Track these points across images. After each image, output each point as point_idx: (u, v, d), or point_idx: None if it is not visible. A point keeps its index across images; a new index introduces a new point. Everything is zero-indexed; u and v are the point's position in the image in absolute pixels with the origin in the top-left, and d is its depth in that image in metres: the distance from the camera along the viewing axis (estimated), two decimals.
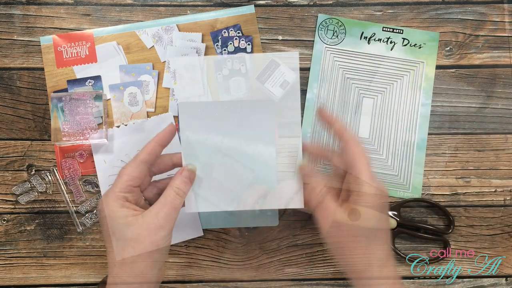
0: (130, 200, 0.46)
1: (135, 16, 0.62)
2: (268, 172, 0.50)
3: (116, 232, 0.45)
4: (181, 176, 0.47)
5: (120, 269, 0.44)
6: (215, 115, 0.50)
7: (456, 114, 0.62)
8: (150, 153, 0.48)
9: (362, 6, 0.63)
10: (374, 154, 0.61)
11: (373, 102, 0.62)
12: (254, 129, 0.51)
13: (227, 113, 0.51)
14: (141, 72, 0.61)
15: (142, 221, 0.44)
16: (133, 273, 0.44)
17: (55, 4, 0.62)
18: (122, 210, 0.45)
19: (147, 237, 0.44)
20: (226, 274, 0.60)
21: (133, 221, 0.44)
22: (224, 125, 0.50)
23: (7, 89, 0.61)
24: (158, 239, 0.44)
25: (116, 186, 0.46)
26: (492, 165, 0.61)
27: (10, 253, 0.60)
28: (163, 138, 0.49)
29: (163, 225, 0.45)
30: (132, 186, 0.46)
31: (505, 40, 0.63)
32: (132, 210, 0.45)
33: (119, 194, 0.46)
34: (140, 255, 0.44)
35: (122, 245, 0.44)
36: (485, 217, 0.61)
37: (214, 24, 0.62)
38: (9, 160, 0.61)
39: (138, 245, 0.44)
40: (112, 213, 0.45)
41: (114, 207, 0.45)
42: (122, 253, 0.44)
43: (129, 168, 0.47)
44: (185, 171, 0.48)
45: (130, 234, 0.44)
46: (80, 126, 0.58)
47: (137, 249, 0.44)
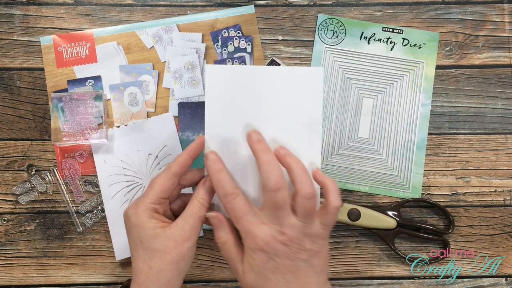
0: (159, 212, 0.47)
1: (135, 16, 0.62)
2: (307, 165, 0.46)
3: (144, 241, 0.45)
4: (204, 186, 0.47)
5: (146, 277, 0.45)
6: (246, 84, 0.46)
7: (456, 114, 0.62)
8: (181, 166, 0.48)
9: (362, 6, 0.63)
10: (374, 154, 0.61)
11: (373, 102, 0.62)
12: (294, 108, 0.47)
13: (260, 83, 0.46)
14: (141, 72, 0.61)
15: (169, 233, 0.45)
16: (159, 281, 0.45)
17: (55, 4, 0.62)
18: (151, 221, 0.46)
19: (173, 249, 0.45)
20: (226, 274, 0.60)
21: (161, 233, 0.45)
22: (256, 103, 0.47)
23: (7, 89, 0.61)
24: (184, 250, 0.45)
25: (147, 196, 0.46)
26: (492, 165, 0.61)
27: (10, 253, 0.60)
28: (194, 150, 0.48)
29: (189, 237, 0.45)
30: (162, 197, 0.47)
31: (505, 40, 0.63)
32: (161, 222, 0.46)
33: (149, 205, 0.46)
34: (168, 264, 0.45)
35: (150, 254, 0.45)
36: (485, 217, 0.61)
37: (214, 24, 0.62)
38: (9, 160, 0.61)
39: (165, 256, 0.45)
40: (142, 223, 0.45)
41: (144, 217, 0.46)
42: (149, 262, 0.45)
43: (161, 180, 0.47)
44: (208, 181, 0.47)
45: (158, 245, 0.45)
46: (80, 126, 0.58)
47: (164, 260, 0.45)
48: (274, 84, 0.47)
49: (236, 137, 0.48)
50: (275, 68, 0.47)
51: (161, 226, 0.46)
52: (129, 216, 0.46)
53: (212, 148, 0.47)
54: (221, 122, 0.48)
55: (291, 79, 0.47)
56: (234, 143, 0.48)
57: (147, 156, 0.60)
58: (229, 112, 0.48)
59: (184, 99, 0.61)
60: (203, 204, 0.47)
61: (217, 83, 0.47)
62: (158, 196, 0.46)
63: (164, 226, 0.46)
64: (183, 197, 0.51)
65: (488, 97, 0.62)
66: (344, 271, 0.61)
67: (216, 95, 0.47)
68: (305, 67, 0.48)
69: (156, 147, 0.60)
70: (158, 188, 0.46)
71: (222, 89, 0.47)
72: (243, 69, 0.48)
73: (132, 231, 0.46)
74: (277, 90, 0.48)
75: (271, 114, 0.48)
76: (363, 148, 0.61)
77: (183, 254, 0.45)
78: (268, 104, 0.48)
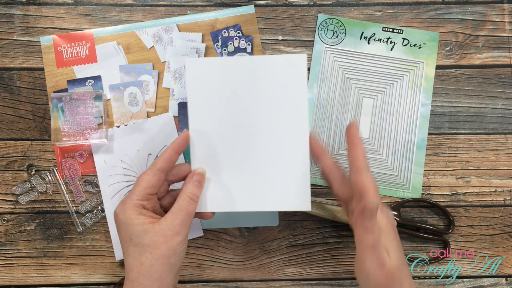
0: (147, 208, 0.47)
1: (135, 16, 0.62)
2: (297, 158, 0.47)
3: (134, 238, 0.45)
4: (192, 181, 0.48)
5: (138, 273, 0.45)
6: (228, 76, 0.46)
7: (456, 114, 0.62)
8: (167, 161, 0.48)
9: (362, 6, 0.63)
10: (374, 154, 0.61)
11: (373, 102, 0.62)
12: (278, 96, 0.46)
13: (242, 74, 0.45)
14: (141, 72, 0.61)
15: (158, 229, 0.45)
16: (151, 277, 0.45)
17: (55, 4, 0.62)
18: (139, 218, 0.46)
19: (163, 244, 0.45)
20: (226, 274, 0.60)
21: (150, 229, 0.45)
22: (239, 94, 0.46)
23: (7, 89, 0.61)
24: (174, 244, 0.45)
25: (134, 193, 0.47)
26: (492, 165, 0.61)
27: (10, 253, 0.60)
28: (178, 145, 0.49)
29: (179, 231, 0.45)
30: (149, 194, 0.47)
31: (505, 40, 0.63)
32: (149, 218, 0.46)
33: (136, 202, 0.46)
34: (159, 259, 0.45)
35: (140, 250, 0.45)
36: (485, 217, 0.61)
37: (214, 24, 0.62)
38: (9, 160, 0.61)
39: (156, 251, 0.45)
40: (130, 220, 0.46)
41: (132, 214, 0.46)
42: (140, 258, 0.45)
43: (147, 176, 0.47)
44: (195, 175, 0.48)
45: (147, 240, 0.45)
46: (80, 126, 0.58)
47: (154, 255, 0.45)
48: (256, 73, 0.47)
49: (220, 130, 0.48)
50: (257, 57, 0.46)
51: (150, 222, 0.46)
52: (117, 214, 0.47)
53: (197, 143, 0.48)
54: (205, 116, 0.48)
55: (274, 67, 0.47)
56: (219, 137, 0.48)
57: (147, 156, 0.60)
58: (212, 105, 0.47)
59: (184, 99, 0.61)
60: (192, 198, 0.47)
61: (199, 77, 0.47)
62: (145, 192, 0.47)
63: (153, 222, 0.46)
64: (172, 193, 0.51)
65: (488, 97, 0.62)
66: (344, 271, 0.61)
67: (198, 89, 0.47)
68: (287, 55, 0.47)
69: (156, 147, 0.60)
70: (144, 184, 0.47)
71: (204, 82, 0.47)
72: (224, 61, 0.48)
73: (121, 229, 0.46)
74: (259, 80, 0.47)
75: (255, 104, 0.47)
76: None
77: (174, 248, 0.45)
78: (252, 94, 0.47)
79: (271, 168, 0.48)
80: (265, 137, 0.48)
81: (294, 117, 0.47)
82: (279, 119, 0.47)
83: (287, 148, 0.48)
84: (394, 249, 0.46)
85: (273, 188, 0.48)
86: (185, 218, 0.46)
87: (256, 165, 0.48)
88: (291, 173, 0.48)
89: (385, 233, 0.47)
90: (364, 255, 0.45)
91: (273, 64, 0.47)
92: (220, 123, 0.48)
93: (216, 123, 0.48)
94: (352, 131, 0.48)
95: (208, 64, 0.47)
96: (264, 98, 0.47)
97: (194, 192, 0.47)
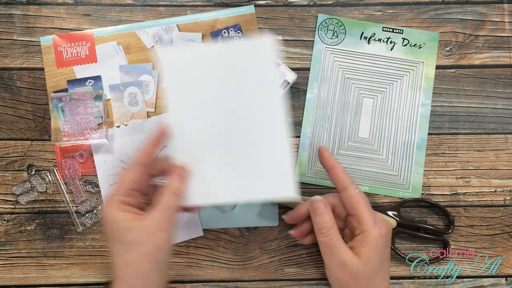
0: (131, 204, 0.46)
1: (135, 16, 0.62)
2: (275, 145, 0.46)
3: (118, 235, 0.45)
4: (176, 176, 0.47)
5: (124, 271, 0.44)
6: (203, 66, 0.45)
7: (456, 114, 0.62)
8: (146, 155, 0.48)
9: (362, 6, 0.63)
10: (374, 154, 0.61)
11: (373, 102, 0.62)
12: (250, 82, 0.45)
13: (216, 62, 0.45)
14: (141, 72, 0.61)
15: (143, 225, 0.44)
16: (136, 274, 0.44)
17: (55, 4, 0.62)
18: (123, 214, 0.45)
19: (148, 240, 0.44)
20: (226, 274, 0.60)
21: (135, 225, 0.44)
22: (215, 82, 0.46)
23: (7, 89, 0.61)
24: (159, 241, 0.44)
25: (117, 190, 0.46)
26: (492, 165, 0.61)
27: (10, 253, 0.60)
28: (156, 139, 0.48)
29: (163, 227, 0.45)
30: (132, 189, 0.46)
31: (505, 40, 0.63)
32: (134, 214, 0.45)
33: (120, 199, 0.46)
34: (144, 256, 0.44)
35: (125, 247, 0.44)
36: (485, 217, 0.61)
37: (214, 24, 0.62)
38: (9, 160, 0.61)
39: (141, 248, 0.44)
40: (114, 217, 0.45)
41: (116, 211, 0.45)
42: (125, 255, 0.44)
43: (128, 172, 0.47)
44: (179, 170, 0.47)
45: (132, 237, 0.44)
46: (80, 126, 0.58)
47: (139, 252, 0.44)
48: (228, 60, 0.46)
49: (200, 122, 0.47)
50: (227, 44, 0.45)
51: (134, 218, 0.45)
52: (102, 212, 0.46)
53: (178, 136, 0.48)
54: (184, 108, 0.47)
55: (244, 53, 0.46)
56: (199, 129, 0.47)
57: None
58: (191, 97, 0.47)
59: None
60: (176, 194, 0.46)
61: (175, 69, 0.46)
62: (127, 188, 0.46)
63: (138, 218, 0.45)
64: (157, 188, 0.50)
65: (488, 97, 0.62)
66: None
67: (176, 81, 0.47)
68: (256, 39, 0.46)
69: None
70: (126, 180, 0.46)
71: (181, 75, 0.47)
72: (197, 49, 0.47)
73: (106, 226, 0.46)
74: (232, 67, 0.46)
75: (232, 93, 0.46)
76: (363, 148, 0.61)
77: (159, 245, 0.44)
78: (227, 83, 0.46)
79: (252, 158, 0.47)
80: (244, 127, 0.47)
81: (268, 103, 0.46)
82: (254, 106, 0.47)
83: (266, 136, 0.46)
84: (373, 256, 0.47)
85: (256, 177, 0.47)
86: (169, 214, 0.45)
87: (238, 156, 0.47)
88: (272, 161, 0.47)
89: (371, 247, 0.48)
90: (324, 256, 0.49)
91: (243, 50, 0.46)
92: (199, 115, 0.47)
93: (195, 115, 0.47)
94: (324, 155, 0.51)
95: (182, 55, 0.47)
96: (239, 86, 0.46)
97: (178, 187, 0.46)
